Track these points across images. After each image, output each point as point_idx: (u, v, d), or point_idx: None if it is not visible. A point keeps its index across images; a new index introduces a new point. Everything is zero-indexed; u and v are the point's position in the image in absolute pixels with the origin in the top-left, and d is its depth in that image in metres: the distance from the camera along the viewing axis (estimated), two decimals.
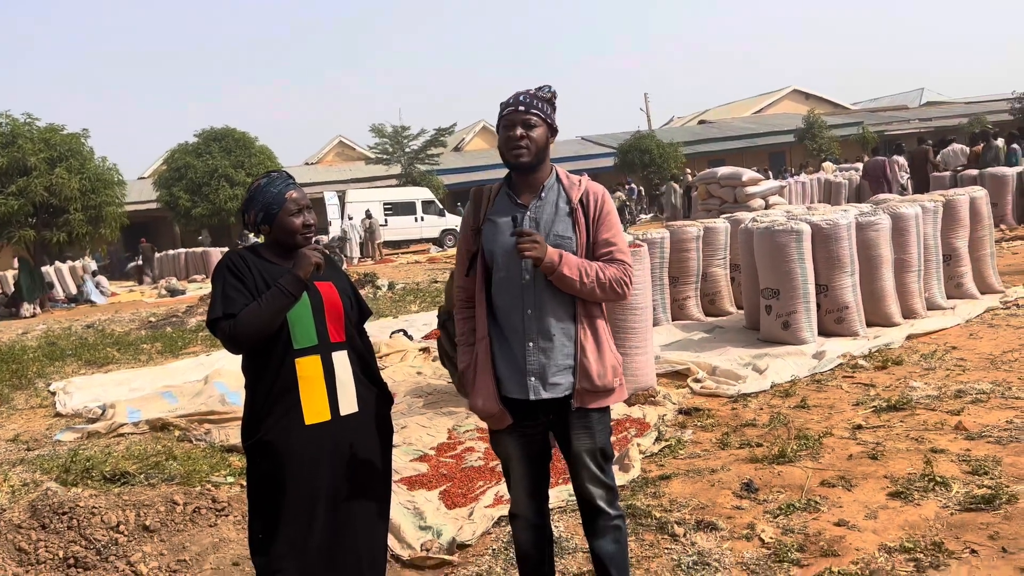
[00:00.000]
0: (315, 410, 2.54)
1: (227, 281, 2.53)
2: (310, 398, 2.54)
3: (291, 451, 2.51)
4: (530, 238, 2.49)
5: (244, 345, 2.52)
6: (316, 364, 2.56)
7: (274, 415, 2.52)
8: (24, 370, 9.64)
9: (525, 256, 2.49)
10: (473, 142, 46.60)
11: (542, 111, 2.59)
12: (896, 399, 5.01)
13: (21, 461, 5.61)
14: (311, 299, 2.58)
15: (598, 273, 2.55)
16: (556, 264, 2.51)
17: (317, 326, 2.58)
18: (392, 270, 20.51)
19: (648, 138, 36.19)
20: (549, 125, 2.62)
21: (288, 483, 2.50)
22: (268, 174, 2.70)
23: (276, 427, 2.51)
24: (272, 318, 2.49)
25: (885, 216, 7.22)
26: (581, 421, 2.62)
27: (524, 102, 2.58)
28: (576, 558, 3.38)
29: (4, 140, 19.37)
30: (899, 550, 3.13)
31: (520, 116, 2.57)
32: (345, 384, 2.60)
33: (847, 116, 46.20)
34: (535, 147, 2.57)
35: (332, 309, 2.63)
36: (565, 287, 2.55)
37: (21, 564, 3.59)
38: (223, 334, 2.49)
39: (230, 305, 2.49)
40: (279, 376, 2.53)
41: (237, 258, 2.60)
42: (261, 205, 2.62)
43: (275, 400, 2.53)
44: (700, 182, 17.42)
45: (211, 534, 3.82)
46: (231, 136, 30.53)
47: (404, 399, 6.44)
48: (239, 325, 2.46)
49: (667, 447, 4.67)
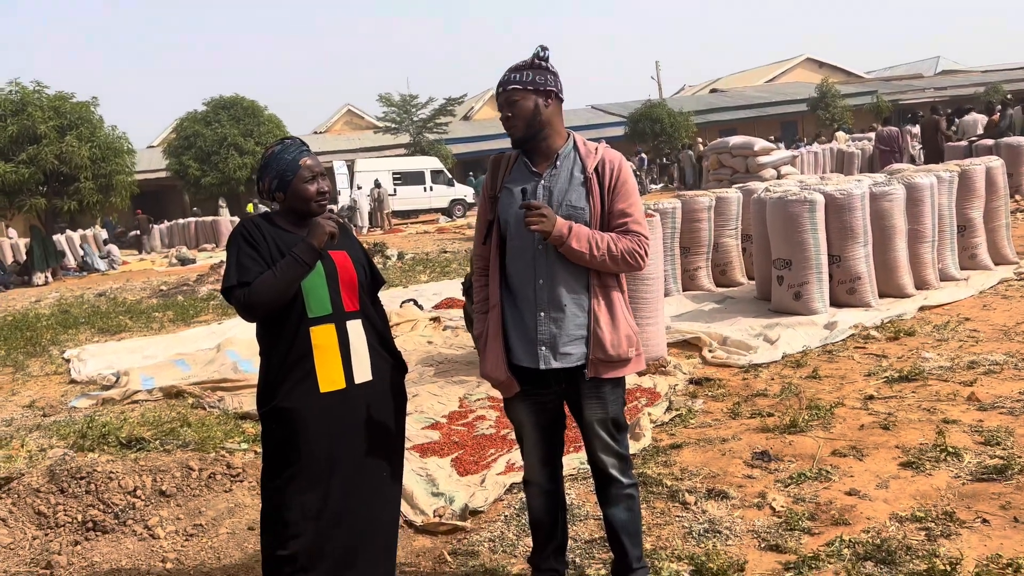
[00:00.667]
0: (330, 378, 2.55)
1: (241, 249, 2.54)
2: (325, 366, 2.55)
3: (306, 418, 2.53)
4: (537, 211, 2.47)
5: (258, 313, 2.53)
6: (330, 333, 2.57)
7: (289, 383, 2.53)
8: (38, 337, 9.73)
9: (531, 230, 2.48)
10: (482, 111, 46.24)
11: (522, 81, 2.55)
12: (908, 370, 5.00)
13: (38, 427, 5.68)
14: (325, 268, 2.59)
15: (610, 245, 2.52)
16: (565, 237, 2.49)
17: (331, 295, 2.58)
18: (401, 240, 20.50)
19: (659, 107, 35.82)
20: (538, 91, 2.56)
21: (303, 449, 2.53)
22: (282, 141, 2.69)
23: (291, 395, 2.53)
24: (286, 287, 2.50)
25: (899, 186, 7.15)
26: (594, 391, 2.62)
27: (503, 81, 2.60)
28: (588, 525, 3.41)
29: (14, 108, 19.33)
30: (910, 519, 3.14)
31: (503, 97, 2.60)
32: (359, 353, 2.62)
33: (861, 85, 45.61)
34: (523, 121, 2.57)
35: (346, 278, 2.63)
36: (575, 259, 2.54)
37: (40, 527, 3.65)
38: (237, 302, 2.50)
39: (244, 273, 2.50)
40: (294, 344, 2.54)
41: (251, 226, 2.60)
42: (275, 172, 2.61)
43: (290, 368, 2.54)
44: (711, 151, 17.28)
45: (226, 499, 3.87)
46: (240, 104, 30.41)
47: (415, 368, 6.47)
48: (253, 293, 2.47)
49: (678, 416, 4.68)
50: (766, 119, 40.73)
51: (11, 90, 19.71)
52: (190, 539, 3.57)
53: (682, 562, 2.98)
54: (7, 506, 3.73)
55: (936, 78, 47.84)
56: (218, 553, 3.45)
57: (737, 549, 3.07)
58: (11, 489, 3.86)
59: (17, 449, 5.04)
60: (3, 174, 18.58)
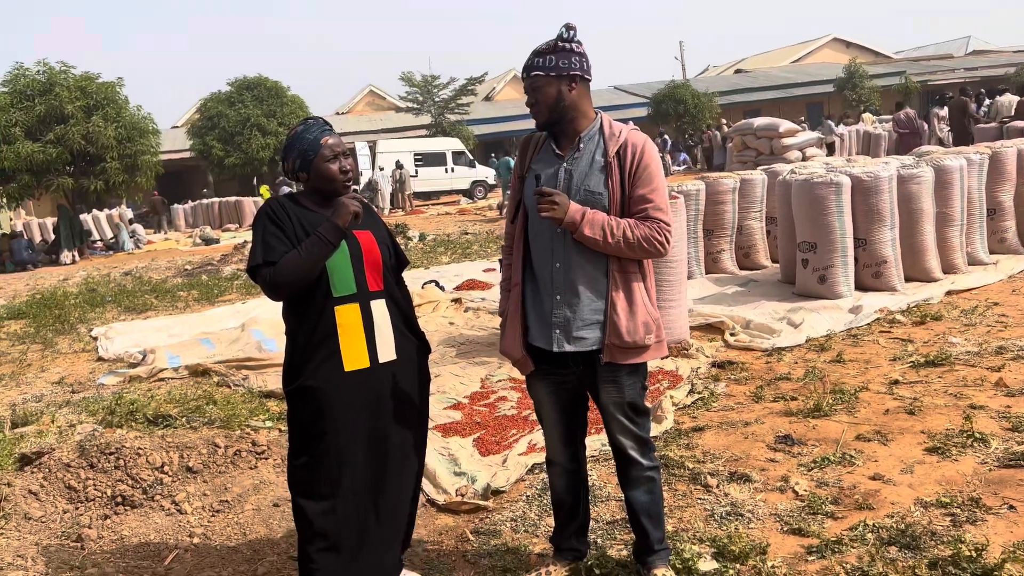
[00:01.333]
0: (354, 357, 2.58)
1: (267, 228, 2.56)
2: (349, 345, 2.57)
3: (331, 397, 2.56)
4: (548, 198, 2.46)
5: (283, 292, 2.55)
6: (355, 312, 2.59)
7: (314, 361, 2.56)
8: (66, 315, 9.88)
9: (542, 216, 2.48)
10: (504, 91, 46.01)
11: (544, 66, 2.53)
12: (935, 355, 4.95)
13: (67, 403, 5.78)
14: (350, 248, 2.60)
15: (626, 232, 2.50)
16: (577, 223, 2.48)
17: (356, 275, 2.60)
18: (423, 221, 20.53)
19: (683, 88, 35.45)
20: (561, 76, 2.53)
21: (328, 427, 2.56)
22: (305, 121, 2.70)
23: (316, 373, 2.56)
24: (311, 266, 2.52)
25: (928, 169, 7.05)
26: (610, 375, 2.62)
27: (525, 67, 2.58)
28: (610, 506, 3.42)
29: (41, 88, 19.47)
30: (935, 505, 3.12)
31: (527, 84, 2.59)
32: (383, 332, 2.64)
33: (889, 65, 44.82)
34: (546, 107, 2.56)
35: (371, 258, 2.65)
36: (589, 245, 2.53)
37: (71, 501, 3.72)
38: (263, 281, 2.53)
39: (270, 253, 2.52)
40: (319, 324, 2.56)
41: (277, 206, 2.62)
42: (298, 152, 2.63)
43: (315, 347, 2.56)
44: (736, 133, 17.12)
45: (252, 476, 3.92)
46: (263, 85, 30.47)
47: (437, 348, 6.50)
48: (279, 272, 2.50)
49: (700, 399, 4.67)
50: (791, 100, 40.20)
51: (38, 70, 19.85)
52: (216, 515, 3.63)
53: (704, 544, 2.98)
54: (39, 480, 3.80)
55: (967, 58, 46.91)
56: (244, 529, 3.51)
57: (759, 532, 3.07)
58: (42, 464, 3.94)
59: (48, 424, 5.14)
60: (31, 154, 18.76)
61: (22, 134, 18.99)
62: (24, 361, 7.54)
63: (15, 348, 8.25)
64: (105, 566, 3.18)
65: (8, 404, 5.92)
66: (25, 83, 19.64)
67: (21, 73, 19.86)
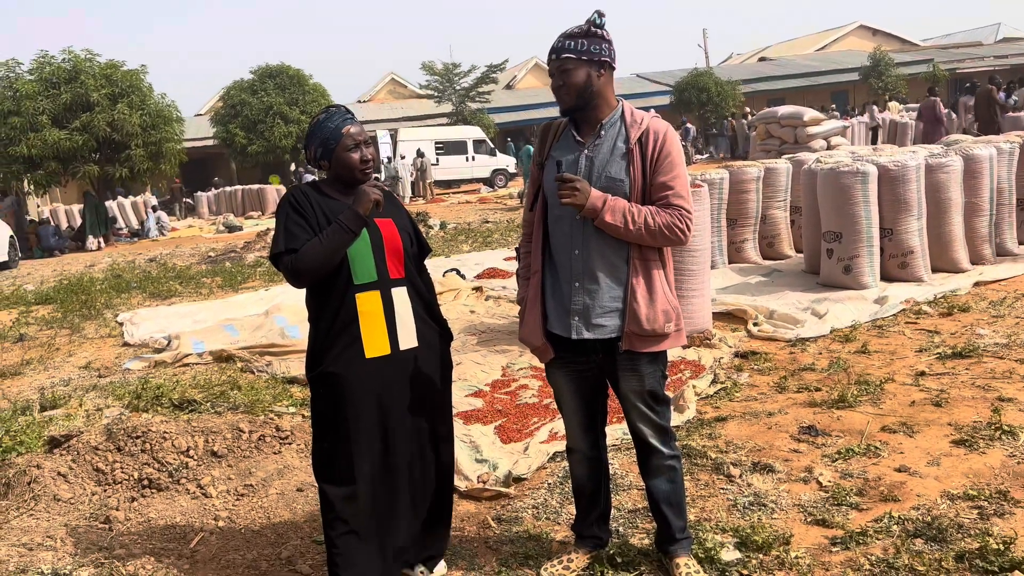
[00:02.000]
0: (375, 344, 2.59)
1: (289, 216, 2.58)
2: (370, 332, 2.59)
3: (352, 383, 2.57)
4: (570, 185, 2.45)
5: (305, 279, 2.57)
6: (376, 300, 2.60)
7: (336, 348, 2.58)
8: (93, 301, 10.01)
9: (564, 203, 2.47)
10: (525, 79, 45.83)
11: (576, 50, 2.50)
12: (962, 346, 4.89)
13: (94, 387, 5.86)
14: (371, 236, 2.62)
15: (647, 219, 2.48)
16: (598, 210, 2.47)
17: (376, 262, 2.61)
18: (443, 209, 20.55)
19: (705, 75, 35.13)
20: (591, 61, 2.51)
21: (348, 413, 2.58)
22: (327, 109, 2.71)
23: (338, 360, 2.57)
24: (332, 254, 2.53)
25: (957, 158, 6.94)
26: (629, 363, 2.61)
27: (556, 48, 2.54)
28: (631, 495, 3.42)
29: (67, 76, 19.65)
30: (962, 497, 3.08)
31: (555, 65, 2.55)
32: (404, 319, 2.65)
33: (916, 53, 44.11)
34: (574, 92, 2.54)
35: (391, 246, 2.66)
36: (611, 232, 2.51)
37: (99, 484, 3.78)
38: (285, 268, 2.55)
39: (292, 240, 2.54)
40: (340, 311, 2.58)
41: (299, 194, 2.64)
42: (319, 140, 2.64)
43: (337, 334, 2.58)
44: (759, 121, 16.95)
45: (276, 461, 3.96)
46: (285, 73, 30.52)
47: (458, 337, 6.51)
48: (300, 260, 2.52)
49: (723, 390, 4.65)
50: (816, 88, 39.71)
51: (64, 58, 20.03)
52: (241, 499, 3.67)
53: (726, 534, 2.97)
54: (67, 462, 3.86)
55: (996, 46, 46.04)
56: (268, 513, 3.54)
57: (783, 523, 3.05)
58: (71, 446, 4.00)
59: (75, 408, 5.21)
60: (58, 141, 18.97)
61: (49, 121, 19.18)
62: (52, 346, 7.65)
63: (43, 333, 8.37)
64: (132, 547, 3.23)
65: (37, 388, 6.01)
66: (51, 71, 19.82)
67: (47, 61, 20.04)
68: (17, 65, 19.93)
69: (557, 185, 2.51)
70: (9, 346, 7.86)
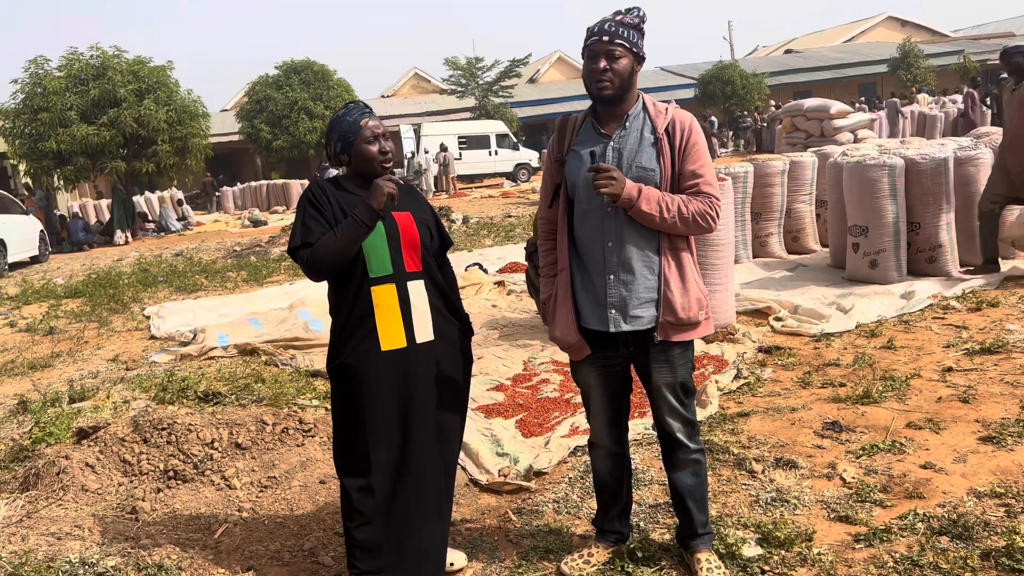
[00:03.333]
0: (391, 337, 2.60)
1: (306, 211, 2.62)
2: (386, 325, 2.60)
3: (368, 376, 2.59)
4: (606, 174, 2.44)
5: (321, 272, 2.60)
6: (391, 292, 2.61)
7: (352, 341, 2.61)
8: (120, 295, 10.15)
9: (600, 192, 2.46)
10: (548, 73, 45.72)
11: (628, 39, 2.49)
12: (991, 342, 4.81)
13: (121, 379, 5.94)
14: (387, 229, 2.62)
15: (680, 207, 2.49)
16: (634, 199, 2.46)
17: (392, 255, 2.62)
18: (466, 204, 20.57)
19: (731, 68, 34.87)
20: (635, 54, 2.52)
21: (365, 405, 2.60)
22: (346, 105, 2.74)
23: (355, 352, 2.60)
24: (347, 247, 2.55)
25: (987, 151, 6.83)
26: (663, 355, 2.60)
27: (608, 31, 2.49)
28: (652, 489, 3.41)
29: (95, 72, 19.92)
30: (989, 495, 3.04)
31: (604, 47, 2.48)
32: (421, 313, 2.65)
33: (946, 44, 43.40)
34: (619, 79, 2.50)
35: (408, 239, 2.66)
36: (645, 222, 2.51)
37: (126, 474, 3.84)
38: (302, 261, 2.59)
39: (308, 234, 2.58)
40: (356, 304, 2.60)
41: (317, 189, 2.68)
42: (339, 135, 2.67)
43: (353, 327, 2.61)
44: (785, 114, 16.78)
45: (299, 453, 3.99)
46: (310, 68, 30.71)
47: (480, 331, 6.53)
48: (315, 254, 2.55)
49: (746, 385, 4.62)
50: (843, 81, 39.21)
51: (92, 55, 20.31)
52: (264, 490, 3.71)
53: (748, 530, 2.95)
54: (95, 453, 3.92)
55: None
56: (291, 505, 3.57)
57: (805, 519, 3.02)
58: (99, 438, 4.06)
59: (103, 400, 5.29)
60: (86, 137, 19.24)
61: (77, 117, 19.47)
62: (81, 338, 7.77)
63: (73, 326, 8.50)
64: (158, 537, 3.27)
65: (66, 380, 6.11)
66: (80, 67, 20.10)
67: (76, 58, 20.33)
68: (46, 62, 20.23)
69: (588, 176, 2.50)
70: (40, 339, 7.99)
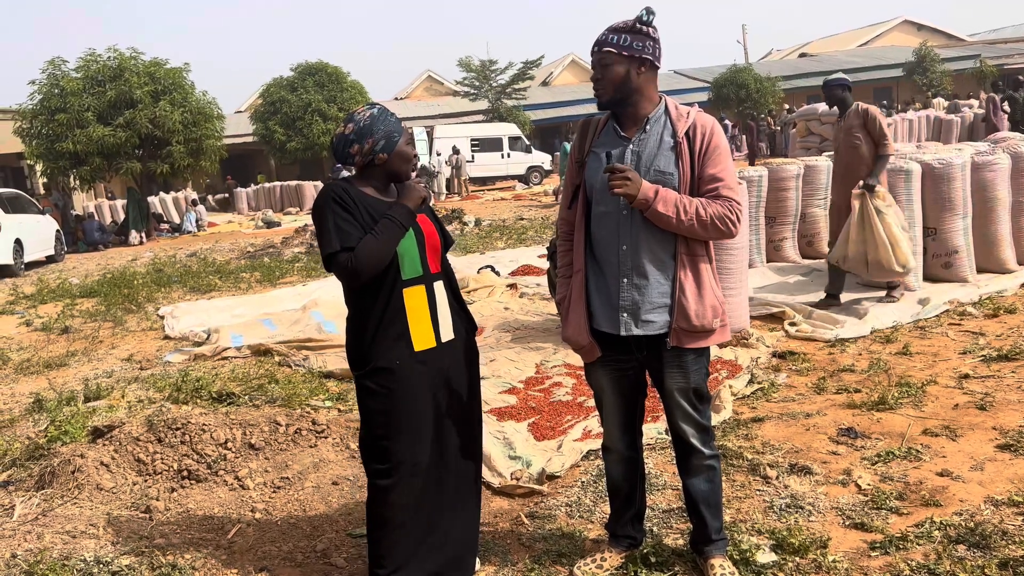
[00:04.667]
0: (422, 338, 2.61)
1: (337, 214, 2.52)
2: (417, 326, 2.61)
3: (405, 377, 2.58)
4: (622, 175, 2.44)
5: (365, 277, 2.52)
6: (421, 294, 2.63)
7: (385, 344, 2.57)
8: (135, 295, 10.21)
9: (615, 193, 2.45)
10: (561, 76, 45.69)
11: (617, 44, 2.50)
12: (1008, 349, 4.77)
13: (136, 379, 5.98)
14: (414, 231, 2.63)
15: (698, 210, 2.47)
16: (651, 201, 2.45)
17: (420, 257, 2.64)
18: (478, 206, 20.59)
19: (745, 72, 34.74)
20: (632, 58, 2.50)
21: (400, 407, 2.58)
22: (372, 105, 2.69)
23: (388, 355, 2.57)
24: (390, 250, 2.53)
25: (1004, 156, 6.77)
26: (675, 360, 2.59)
27: (599, 40, 2.55)
28: (666, 494, 3.39)
29: (112, 74, 20.07)
30: (1007, 503, 3.01)
31: (595, 56, 2.57)
32: (444, 312, 2.69)
33: (963, 48, 43.10)
34: (611, 86, 2.54)
35: (431, 241, 2.70)
36: (662, 224, 2.49)
37: (140, 474, 3.86)
38: (342, 267, 2.50)
39: (346, 238, 2.49)
40: (388, 306, 2.58)
41: (340, 190, 2.58)
42: (383, 133, 2.59)
43: (385, 329, 2.58)
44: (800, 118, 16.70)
45: (312, 454, 4.00)
46: (324, 71, 30.83)
47: (492, 333, 6.52)
48: (358, 258, 2.48)
49: (760, 390, 4.59)
50: (858, 85, 38.83)
51: (109, 56, 20.46)
52: (277, 491, 3.71)
53: (762, 536, 2.93)
54: (110, 452, 3.94)
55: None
56: (304, 505, 3.58)
57: (820, 526, 3.00)
58: (113, 437, 4.08)
59: (118, 400, 5.32)
60: (102, 137, 19.38)
61: (94, 118, 19.60)
62: (96, 338, 7.82)
63: (88, 325, 8.56)
64: (172, 537, 3.28)
65: (81, 379, 6.15)
66: (96, 69, 20.25)
67: (93, 59, 20.49)
68: (63, 63, 20.39)
69: (605, 178, 2.49)
70: (55, 338, 8.05)
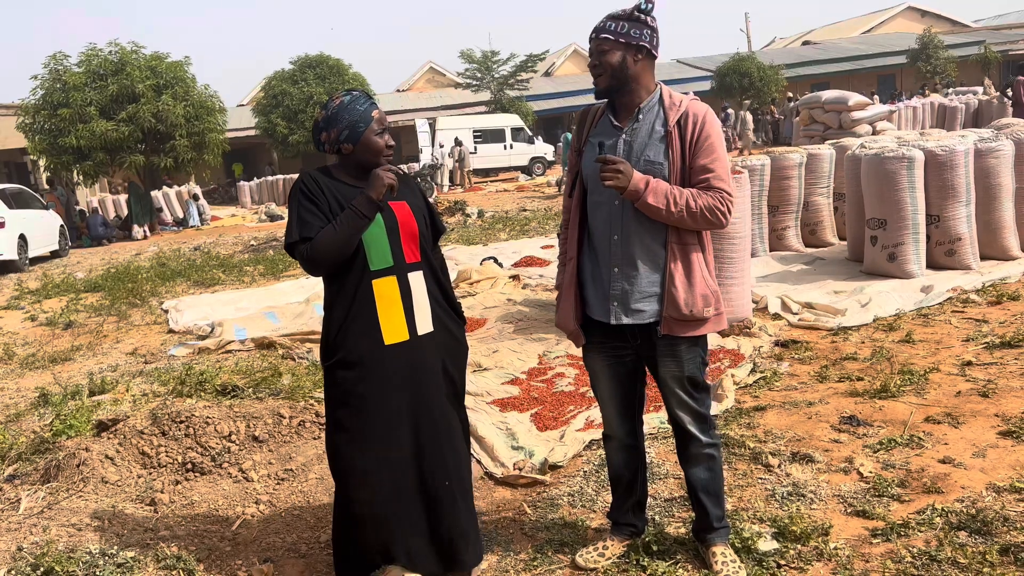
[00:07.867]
0: (394, 330, 2.55)
1: (302, 204, 2.52)
2: (388, 318, 2.55)
3: (372, 370, 2.53)
4: (612, 166, 2.44)
5: (322, 267, 2.52)
6: (392, 285, 2.56)
7: (353, 336, 2.53)
8: (139, 289, 10.24)
9: (606, 185, 2.45)
10: (563, 67, 45.59)
11: (614, 31, 2.50)
12: (1011, 336, 4.76)
13: (140, 373, 6.00)
14: (385, 220, 2.56)
15: (689, 201, 2.46)
16: (641, 192, 2.45)
17: (392, 247, 2.57)
18: (481, 198, 20.57)
19: (748, 60, 34.53)
20: (629, 45, 2.50)
21: (368, 402, 2.53)
22: (349, 92, 2.63)
23: (356, 348, 2.53)
24: (347, 240, 2.48)
25: (1008, 142, 6.75)
26: (668, 348, 2.60)
27: (596, 27, 2.55)
28: (668, 483, 3.40)
29: (114, 68, 20.05)
30: (1009, 490, 3.01)
31: (593, 44, 2.57)
32: (421, 304, 2.61)
33: (967, 35, 42.85)
34: (607, 73, 2.54)
35: (407, 229, 2.61)
36: (652, 215, 2.49)
37: (145, 467, 3.88)
38: (301, 257, 2.50)
39: (306, 229, 2.49)
40: (356, 297, 2.54)
41: (310, 180, 2.57)
42: (347, 123, 2.55)
43: (353, 321, 2.54)
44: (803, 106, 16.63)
45: (315, 446, 4.01)
46: (325, 63, 30.76)
47: (495, 324, 6.53)
48: (315, 249, 2.47)
49: (762, 379, 4.59)
50: (862, 72, 38.83)
51: (111, 50, 20.44)
52: (281, 483, 3.73)
53: (764, 524, 2.94)
54: (115, 445, 3.96)
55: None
56: (307, 497, 3.60)
57: (822, 513, 3.01)
58: (118, 430, 4.10)
59: (122, 393, 5.35)
60: (105, 132, 19.39)
61: (96, 113, 19.60)
62: (100, 332, 7.85)
63: (92, 320, 8.59)
64: (176, 529, 3.30)
65: (86, 373, 6.18)
66: (98, 63, 20.24)
67: (95, 54, 20.47)
68: (65, 58, 20.38)
69: (597, 168, 2.49)
70: (60, 332, 8.08)
